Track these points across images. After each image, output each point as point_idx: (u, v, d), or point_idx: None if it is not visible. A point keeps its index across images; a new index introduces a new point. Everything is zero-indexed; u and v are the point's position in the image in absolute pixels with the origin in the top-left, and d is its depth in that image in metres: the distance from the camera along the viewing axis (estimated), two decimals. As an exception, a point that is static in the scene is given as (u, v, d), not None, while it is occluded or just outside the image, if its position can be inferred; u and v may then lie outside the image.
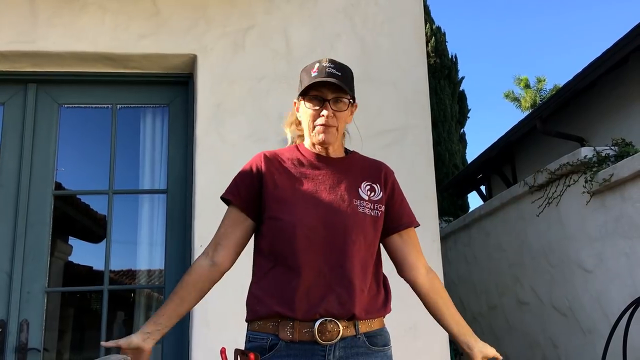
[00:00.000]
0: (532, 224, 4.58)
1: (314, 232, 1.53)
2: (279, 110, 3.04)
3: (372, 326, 1.55)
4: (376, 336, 1.56)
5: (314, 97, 1.62)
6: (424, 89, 3.18)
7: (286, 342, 1.48)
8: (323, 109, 1.61)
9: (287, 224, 1.54)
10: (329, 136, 1.61)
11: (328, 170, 1.64)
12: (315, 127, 1.62)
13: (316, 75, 1.60)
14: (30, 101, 3.05)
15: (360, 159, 1.74)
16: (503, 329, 5.16)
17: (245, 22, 3.14)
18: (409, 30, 3.25)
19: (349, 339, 1.50)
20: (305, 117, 1.65)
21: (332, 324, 1.48)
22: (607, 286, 3.67)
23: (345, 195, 1.59)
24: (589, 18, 38.08)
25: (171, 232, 3.01)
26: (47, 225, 2.94)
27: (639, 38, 4.57)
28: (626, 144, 3.81)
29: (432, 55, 9.76)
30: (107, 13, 3.07)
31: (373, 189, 1.64)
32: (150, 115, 3.27)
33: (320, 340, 1.47)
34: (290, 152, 1.69)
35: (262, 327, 1.52)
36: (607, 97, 5.63)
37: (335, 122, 1.62)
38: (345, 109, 1.63)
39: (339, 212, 1.56)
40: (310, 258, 1.51)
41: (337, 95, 1.61)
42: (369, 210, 1.59)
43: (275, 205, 1.58)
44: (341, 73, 1.62)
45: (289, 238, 1.53)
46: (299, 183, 1.61)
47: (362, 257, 1.55)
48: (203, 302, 2.75)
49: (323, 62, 1.63)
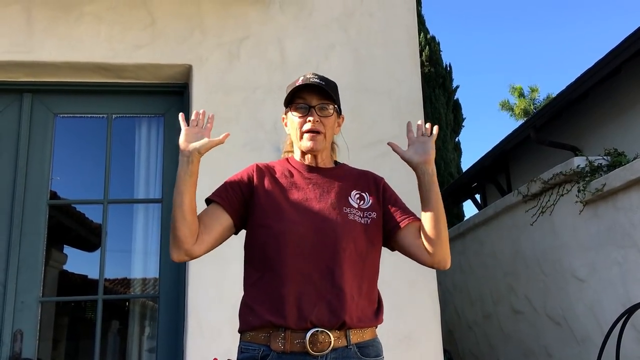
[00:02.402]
0: (526, 233, 4.60)
1: (304, 239, 1.54)
2: (273, 120, 3.06)
3: (364, 336, 1.55)
4: (368, 347, 1.56)
5: (299, 106, 1.66)
6: (418, 99, 3.20)
7: (278, 352, 1.48)
8: (309, 115, 1.64)
9: (276, 232, 1.55)
10: (316, 143, 1.64)
11: (318, 180, 1.66)
12: (303, 134, 1.65)
13: (299, 85, 1.66)
14: (25, 111, 3.06)
15: (349, 169, 1.76)
16: (498, 338, 5.17)
17: (241, 33, 3.17)
18: (402, 41, 3.28)
19: (340, 349, 1.50)
20: (293, 127, 1.68)
21: (324, 334, 1.48)
22: (600, 295, 3.68)
23: (335, 203, 1.61)
24: (583, 29, 38.42)
25: (166, 241, 3.01)
26: (41, 235, 2.94)
27: (632, 48, 4.62)
28: (618, 154, 3.84)
29: (427, 64, 9.82)
30: (103, 23, 3.09)
31: (362, 198, 1.66)
32: (146, 125, 3.28)
33: (312, 351, 1.47)
34: (281, 164, 1.72)
35: (254, 338, 1.53)
36: (600, 106, 5.67)
37: (322, 128, 1.65)
38: (330, 114, 1.67)
39: (329, 219, 1.58)
40: (300, 265, 1.52)
41: (322, 102, 1.65)
42: (359, 218, 1.61)
43: (265, 213, 1.59)
44: (325, 82, 1.66)
45: (279, 245, 1.54)
46: (289, 192, 1.63)
47: (352, 265, 1.56)
48: (197, 312, 2.78)
49: (307, 74, 1.69)
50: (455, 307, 6.24)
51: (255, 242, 1.60)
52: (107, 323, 4.27)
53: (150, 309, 3.39)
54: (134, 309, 3.37)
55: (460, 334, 6.15)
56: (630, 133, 5.20)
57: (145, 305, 3.42)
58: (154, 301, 3.25)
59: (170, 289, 2.95)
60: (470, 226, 5.78)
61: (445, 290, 6.24)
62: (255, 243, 1.60)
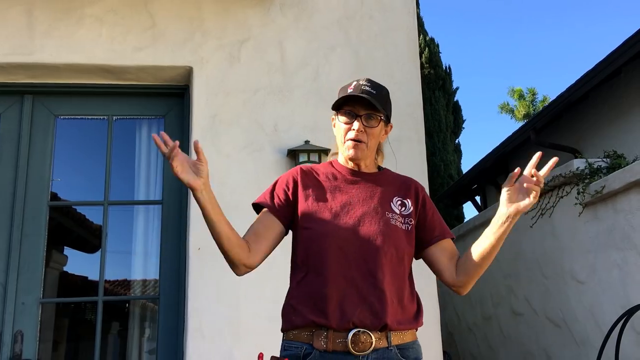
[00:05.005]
0: (526, 234, 4.60)
1: (347, 242, 1.57)
2: (274, 121, 3.07)
3: (404, 339, 1.58)
4: (408, 349, 1.58)
5: (347, 112, 1.66)
6: (418, 101, 3.21)
7: (320, 351, 1.51)
8: (354, 123, 1.64)
9: (319, 234, 1.58)
10: (358, 152, 1.65)
11: (361, 184, 1.68)
12: (346, 141, 1.66)
13: (351, 92, 1.64)
14: (26, 112, 3.07)
15: (392, 175, 1.78)
16: (498, 340, 5.17)
17: (241, 35, 3.17)
18: (402, 43, 3.29)
19: (381, 350, 1.53)
20: (339, 132, 1.69)
21: (365, 335, 1.51)
22: (599, 297, 3.69)
23: (377, 207, 1.64)
24: (583, 31, 38.45)
25: (166, 242, 3.02)
26: (42, 236, 2.94)
27: (631, 51, 4.62)
28: (618, 156, 3.85)
29: (426, 66, 9.82)
30: (104, 25, 3.10)
31: (404, 204, 1.69)
32: (146, 127, 3.29)
33: (354, 350, 1.50)
34: (325, 168, 1.74)
35: (297, 337, 1.56)
36: (600, 108, 5.68)
37: (365, 138, 1.65)
38: (376, 125, 1.66)
39: (372, 223, 1.60)
40: (343, 268, 1.55)
41: (370, 112, 1.64)
42: (400, 224, 1.64)
43: (309, 215, 1.62)
44: (376, 92, 1.65)
45: (321, 248, 1.57)
46: (333, 196, 1.65)
47: (393, 268, 1.59)
48: (197, 314, 2.78)
49: (360, 80, 1.67)
50: (455, 309, 6.25)
51: (299, 243, 1.64)
52: (108, 324, 4.27)
53: (151, 310, 3.40)
54: (134, 311, 3.37)
55: (460, 336, 6.16)
56: (630, 135, 5.21)
57: (145, 307, 3.43)
58: (154, 302, 3.26)
59: (171, 290, 2.96)
60: (470, 228, 5.78)
61: (445, 292, 6.23)
62: (300, 244, 1.63)
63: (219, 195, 1.79)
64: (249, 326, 2.79)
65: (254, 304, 2.81)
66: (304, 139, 3.02)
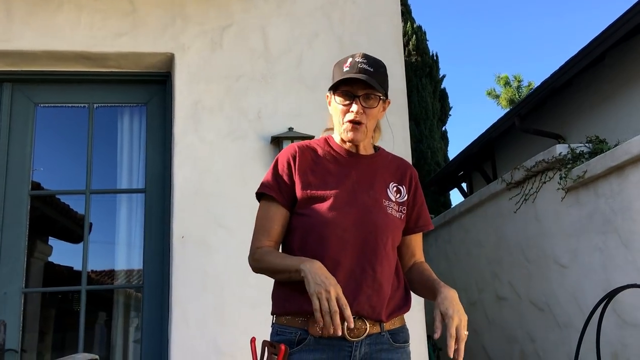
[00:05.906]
0: (510, 220, 4.64)
1: (347, 232, 1.55)
2: (257, 108, 3.05)
3: (395, 324, 1.61)
4: (398, 333, 1.61)
5: (344, 93, 1.59)
6: (402, 86, 3.21)
7: (315, 337, 1.51)
8: (353, 104, 1.58)
9: (319, 223, 1.55)
10: (357, 134, 1.60)
11: (360, 169, 1.64)
12: (345, 123, 1.60)
13: (348, 71, 1.57)
14: (5, 101, 3.03)
15: (387, 157, 1.74)
16: (482, 324, 5.23)
17: (223, 21, 3.14)
18: (386, 28, 3.27)
19: (374, 335, 1.56)
20: (336, 113, 1.63)
21: (361, 321, 1.53)
22: (581, 281, 3.73)
23: (376, 196, 1.62)
24: (569, 18, 38.58)
25: (149, 231, 3.01)
26: (23, 226, 2.92)
27: (615, 36, 4.65)
28: (600, 141, 3.87)
29: (413, 53, 9.81)
30: (83, 11, 3.05)
31: (399, 191, 1.67)
32: (128, 115, 3.26)
33: (349, 336, 1.51)
34: (322, 147, 1.67)
35: (290, 322, 1.54)
36: (584, 94, 5.71)
37: (364, 119, 1.59)
38: (375, 105, 1.60)
39: (372, 213, 1.58)
40: (342, 258, 1.53)
41: (368, 92, 1.58)
42: (395, 212, 1.63)
43: (308, 202, 1.58)
44: (373, 69, 1.58)
45: (321, 237, 1.54)
46: (332, 181, 1.60)
47: (389, 258, 1.59)
48: (181, 302, 2.78)
49: (356, 57, 1.60)
50: (441, 294, 6.28)
51: (296, 229, 1.60)
52: (93, 314, 4.25)
53: (135, 299, 3.39)
54: (118, 300, 3.36)
55: (446, 321, 6.19)
56: (613, 120, 5.25)
57: (129, 296, 3.42)
58: (138, 291, 3.25)
59: (155, 279, 2.95)
60: (455, 214, 5.82)
61: (431, 277, 6.27)
62: (297, 230, 1.60)
63: (202, 182, 1.77)
64: (233, 313, 2.79)
65: (238, 290, 2.81)
66: (287, 126, 3.01)
